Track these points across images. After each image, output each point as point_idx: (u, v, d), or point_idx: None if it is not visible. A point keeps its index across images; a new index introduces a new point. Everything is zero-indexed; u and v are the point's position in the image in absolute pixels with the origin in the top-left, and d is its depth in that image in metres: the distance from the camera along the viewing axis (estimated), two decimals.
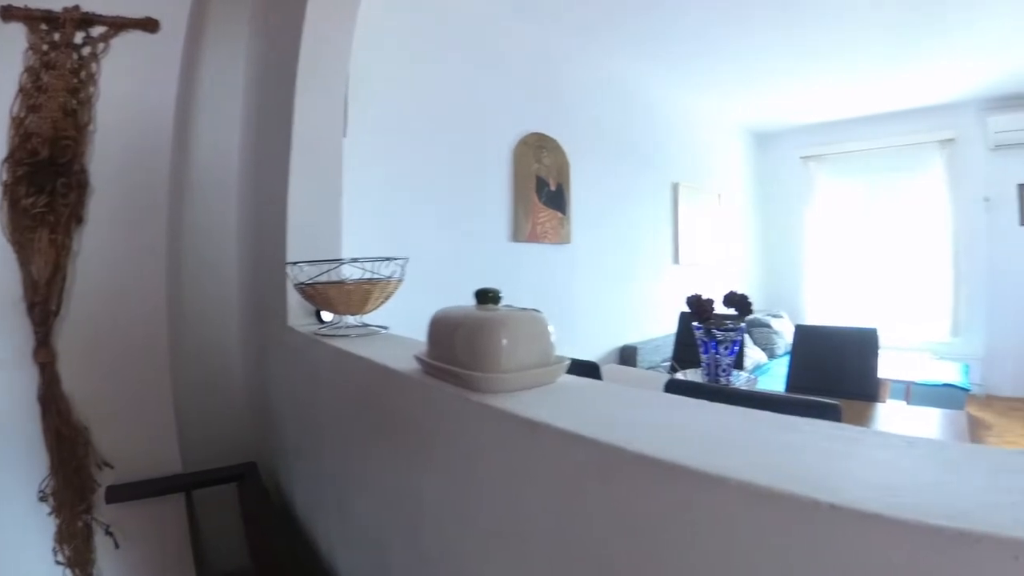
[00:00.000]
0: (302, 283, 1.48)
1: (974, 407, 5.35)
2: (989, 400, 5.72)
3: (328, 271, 1.48)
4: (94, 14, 2.19)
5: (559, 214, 4.00)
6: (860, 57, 4.68)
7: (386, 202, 2.92)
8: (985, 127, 5.77)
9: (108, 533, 2.16)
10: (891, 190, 6.58)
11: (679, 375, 2.22)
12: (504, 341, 0.83)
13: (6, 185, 2.07)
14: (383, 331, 1.53)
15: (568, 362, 0.89)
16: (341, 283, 1.46)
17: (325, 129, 1.87)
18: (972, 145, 5.95)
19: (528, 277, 3.76)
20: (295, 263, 1.51)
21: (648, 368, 4.41)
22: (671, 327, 4.84)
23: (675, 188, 5.48)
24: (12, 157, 2.08)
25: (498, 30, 3.63)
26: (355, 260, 1.45)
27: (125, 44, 2.24)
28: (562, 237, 4.02)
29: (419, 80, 3.14)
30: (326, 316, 1.74)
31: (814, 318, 6.78)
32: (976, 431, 4.70)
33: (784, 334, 6.04)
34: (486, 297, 0.94)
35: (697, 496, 0.51)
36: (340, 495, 1.42)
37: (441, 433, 0.91)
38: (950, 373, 4.97)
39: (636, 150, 4.96)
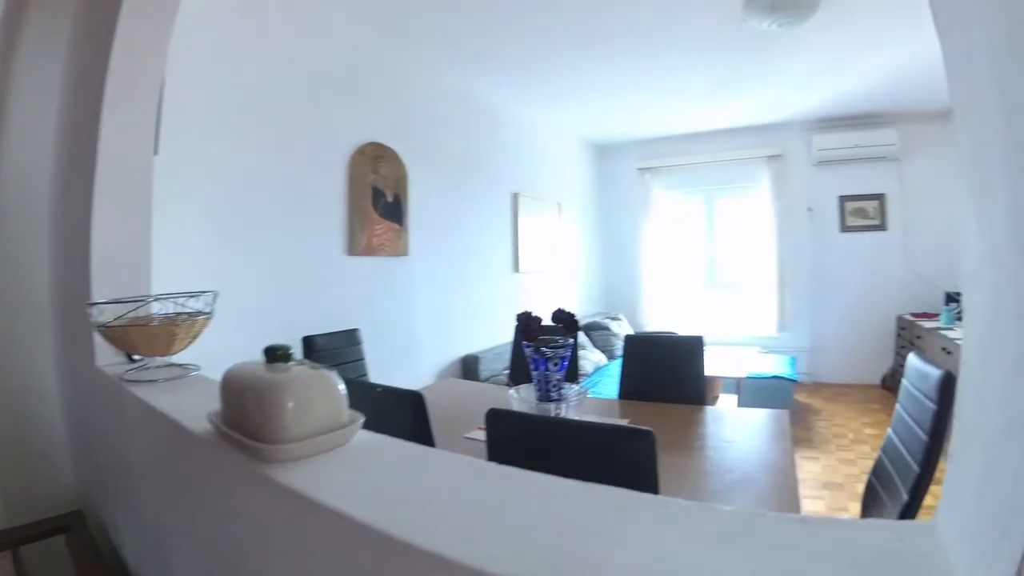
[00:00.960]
0: (103, 324, 1.36)
1: (804, 395, 5.87)
2: (816, 387, 6.32)
3: (137, 309, 1.37)
4: None
5: (396, 225, 3.89)
6: (695, 80, 4.97)
7: (209, 226, 2.72)
8: (809, 145, 6.38)
9: None
10: (723, 200, 7.10)
11: (512, 392, 2.24)
12: (290, 405, 0.81)
13: None
14: (193, 372, 1.44)
15: (362, 420, 0.88)
16: (142, 324, 1.35)
17: (134, 147, 1.74)
18: (797, 161, 6.54)
19: (365, 292, 3.65)
20: (94, 304, 1.39)
21: (490, 377, 4.43)
22: (511, 335, 4.94)
23: (515, 198, 5.50)
24: None
25: (331, 36, 3.49)
26: (160, 297, 1.36)
27: None
28: (399, 249, 3.91)
29: (245, 90, 2.94)
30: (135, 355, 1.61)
31: (652, 320, 7.16)
32: (807, 416, 5.15)
33: (623, 336, 6.36)
34: (275, 355, 0.89)
35: None
36: (162, 548, 1.34)
37: (233, 499, 0.87)
38: (779, 366, 5.39)
39: (476, 160, 4.94)
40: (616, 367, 5.52)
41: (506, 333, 4.89)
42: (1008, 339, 0.44)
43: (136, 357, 1.59)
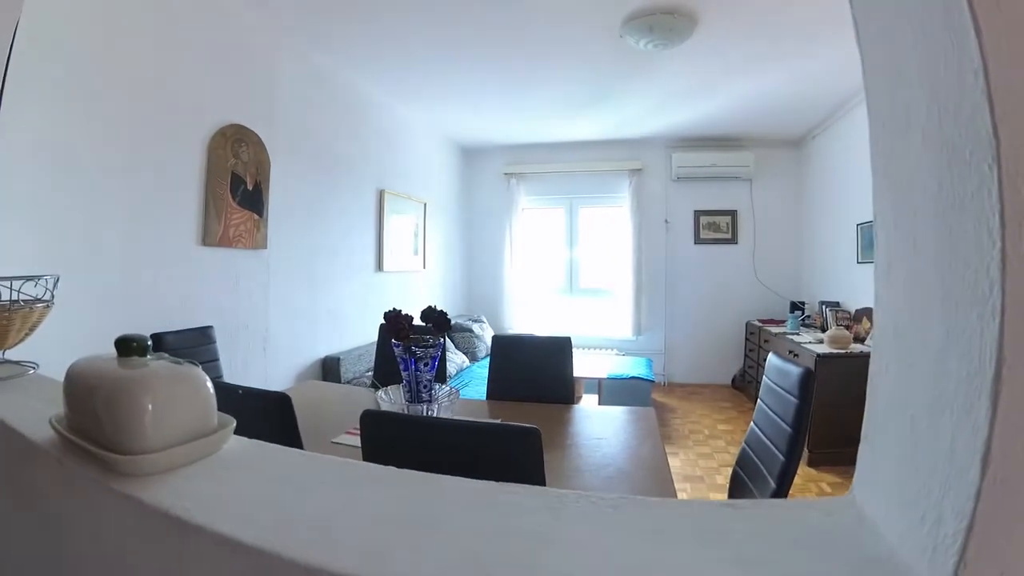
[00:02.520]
0: None
1: (660, 394, 6.18)
2: (671, 387, 6.69)
3: None
4: None
5: (255, 216, 3.64)
6: (564, 90, 5.08)
7: (40, 203, 2.41)
8: (670, 161, 6.74)
9: None
10: (586, 209, 7.35)
11: (380, 394, 2.17)
12: (150, 407, 0.69)
13: None
14: (31, 371, 1.26)
15: (233, 424, 0.78)
16: None
17: None
18: (657, 175, 6.89)
19: (219, 286, 3.39)
20: None
21: (352, 379, 4.30)
22: (373, 336, 4.75)
23: (380, 195, 5.39)
24: None
25: (200, 3, 3.21)
26: None
27: None
28: (258, 241, 3.66)
29: (97, 51, 2.64)
30: None
31: (514, 323, 7.25)
32: (664, 414, 5.43)
33: (485, 338, 6.41)
34: (130, 347, 0.77)
35: None
36: None
37: (82, 522, 0.75)
38: (636, 367, 5.62)
39: (342, 153, 4.77)
40: (479, 369, 5.59)
41: (369, 333, 4.80)
42: (933, 320, 0.46)
43: None
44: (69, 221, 2.51)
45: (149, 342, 0.79)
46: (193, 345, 2.96)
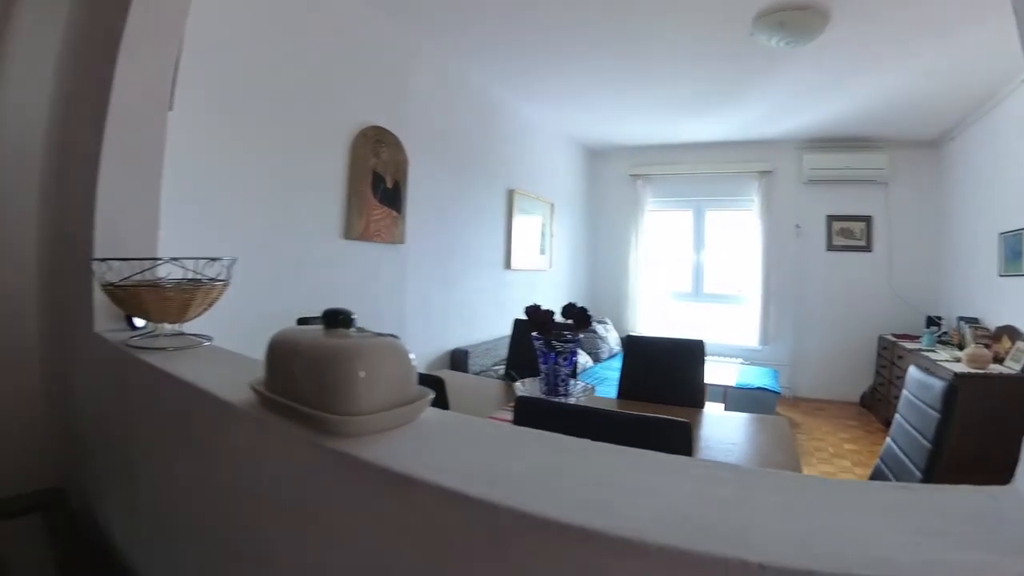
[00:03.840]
0: (111, 283, 1.23)
1: (783, 408, 5.84)
2: (796, 402, 6.34)
3: (143, 271, 1.24)
4: None
5: (394, 212, 3.80)
6: (692, 89, 4.96)
7: (207, 192, 2.59)
8: (800, 163, 6.41)
9: None
10: (713, 212, 7.10)
11: (518, 385, 2.18)
12: (361, 374, 0.71)
13: None
14: (206, 343, 1.34)
15: (431, 396, 0.79)
16: (157, 286, 1.24)
17: (149, 100, 1.62)
18: (788, 178, 6.56)
19: (359, 277, 3.55)
20: (103, 259, 1.26)
21: (479, 372, 4.35)
22: (501, 331, 4.90)
23: (510, 195, 5.45)
24: None
25: (340, 16, 3.39)
26: (175, 259, 1.24)
27: None
28: (395, 237, 3.82)
29: (254, 56, 2.83)
30: (139, 321, 1.49)
31: (637, 326, 7.11)
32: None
33: (609, 340, 6.35)
34: (336, 320, 0.80)
35: (610, 562, 0.46)
36: (166, 535, 1.23)
37: (285, 480, 0.77)
38: (762, 378, 5.39)
39: (475, 154, 4.87)
40: (602, 370, 5.56)
41: (497, 329, 4.94)
42: None
43: (139, 323, 1.47)
44: (225, 210, 2.69)
45: (354, 316, 0.81)
46: None
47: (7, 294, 2.16)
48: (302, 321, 2.81)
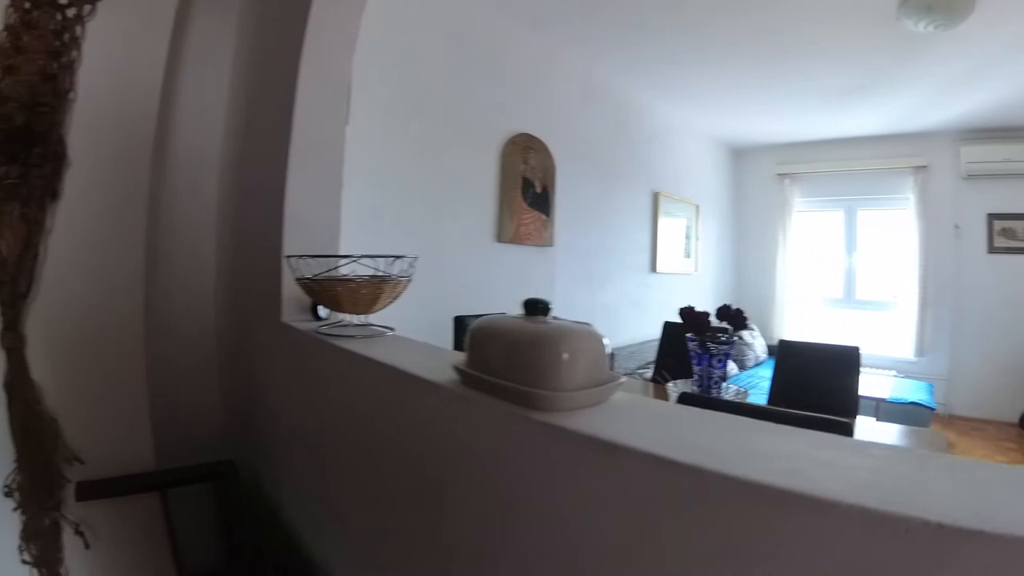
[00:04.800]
0: (307, 278, 1.38)
1: (937, 425, 5.41)
2: (951, 420, 5.84)
3: (333, 268, 1.38)
4: None
5: (543, 216, 3.95)
6: (838, 82, 4.76)
7: (371, 197, 2.81)
8: (958, 156, 5.87)
9: (78, 532, 2.02)
10: (865, 212, 6.70)
11: (670, 386, 2.19)
12: (565, 356, 0.78)
13: None
14: (388, 332, 1.45)
15: (622, 379, 0.84)
16: (350, 280, 1.37)
17: (328, 116, 1.77)
18: (944, 173, 6.05)
19: (509, 279, 3.70)
20: (300, 256, 1.40)
21: (624, 375, 4.35)
22: (645, 335, 4.91)
23: (655, 197, 5.45)
24: None
25: (492, 32, 3.59)
26: (367, 256, 1.36)
27: (113, 9, 2.09)
28: (544, 239, 3.96)
29: (409, 73, 3.06)
30: (323, 312, 1.65)
31: (784, 333, 6.73)
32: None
33: (755, 347, 6.10)
34: (536, 308, 0.88)
35: (804, 521, 0.50)
36: (338, 505, 1.35)
37: (486, 450, 0.85)
38: (916, 392, 5.04)
39: (619, 157, 4.93)
40: (747, 377, 5.37)
41: (641, 332, 4.98)
42: None
43: (323, 315, 1.63)
44: (388, 213, 2.92)
45: (551, 304, 0.89)
46: None
47: (190, 291, 2.47)
48: (458, 320, 2.99)
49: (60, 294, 2.01)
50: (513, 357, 0.81)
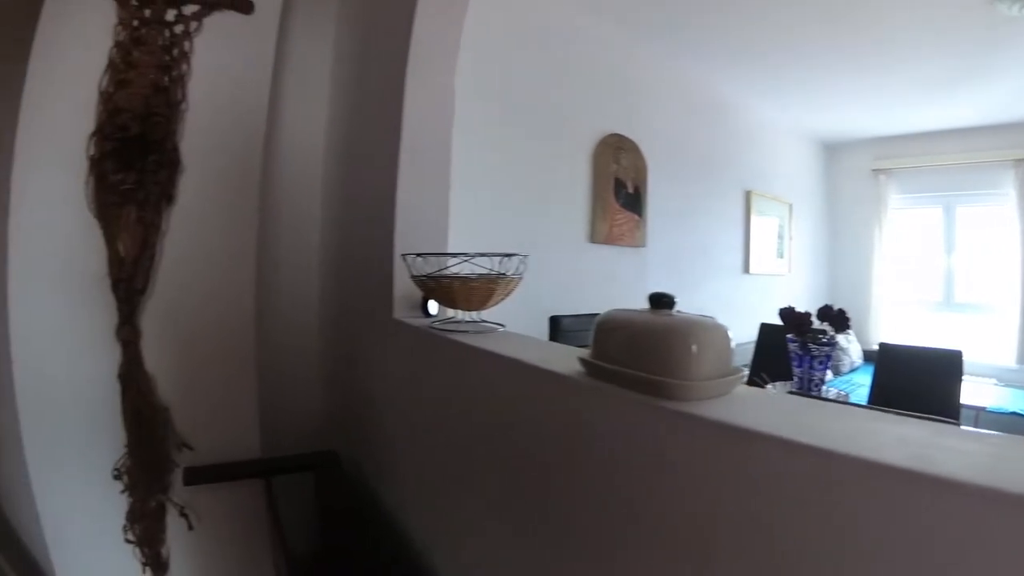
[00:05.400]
0: (424, 275, 1.43)
1: None
2: None
3: (452, 265, 1.42)
4: None
5: (636, 216, 3.94)
6: (934, 72, 4.58)
7: (466, 198, 2.84)
8: None
9: (183, 515, 2.14)
10: (963, 208, 6.35)
11: (768, 387, 2.15)
12: (694, 348, 0.80)
13: (92, 160, 2.05)
14: (500, 328, 1.48)
15: (744, 373, 0.85)
16: (467, 278, 1.41)
17: (435, 119, 1.82)
18: None
19: (603, 279, 3.70)
20: (418, 255, 1.46)
21: None
22: (739, 337, 4.74)
23: (747, 196, 5.36)
24: (100, 132, 2.06)
25: (576, 31, 3.59)
26: (481, 255, 1.40)
27: (218, 24, 2.21)
28: (636, 240, 3.95)
29: (500, 75, 3.11)
30: (432, 309, 1.69)
31: (879, 337, 6.40)
32: None
33: (850, 352, 5.87)
34: (661, 302, 0.91)
35: (932, 500, 0.52)
36: (448, 496, 1.38)
37: (610, 439, 0.86)
38: (1018, 401, 4.74)
39: (710, 155, 4.87)
40: (842, 384, 5.16)
41: (734, 335, 4.75)
42: None
43: (432, 311, 1.67)
44: (485, 212, 2.97)
45: (676, 299, 0.92)
46: (585, 329, 3.21)
47: (295, 289, 2.59)
48: (553, 320, 3.02)
49: (174, 292, 2.13)
50: (643, 348, 0.83)
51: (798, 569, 0.61)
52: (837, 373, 5.52)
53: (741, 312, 5.13)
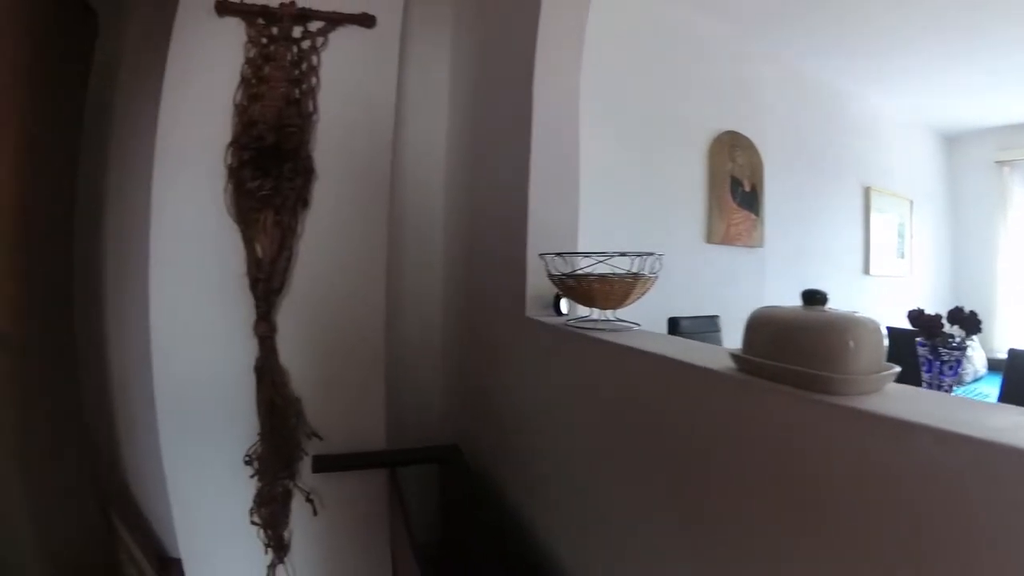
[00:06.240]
0: (563, 274, 1.47)
1: None
2: None
3: (588, 265, 1.46)
4: (311, 9, 2.31)
5: (753, 216, 3.88)
6: None
7: (585, 198, 2.87)
8: None
9: (308, 500, 2.28)
10: None
11: None
12: (852, 343, 0.81)
13: (231, 168, 2.21)
14: (635, 327, 1.51)
15: (896, 370, 0.85)
16: (605, 277, 1.44)
17: (563, 120, 1.85)
18: None
19: (720, 281, 3.67)
20: (558, 254, 1.50)
21: None
22: None
23: (866, 192, 5.16)
24: (237, 142, 2.22)
25: (686, 28, 3.58)
26: (621, 254, 1.43)
27: (344, 38, 2.35)
28: (755, 240, 3.89)
29: (615, 74, 3.13)
30: (564, 307, 1.74)
31: (1007, 344, 5.89)
32: None
33: (974, 360, 5.52)
34: (815, 298, 0.92)
35: None
36: (579, 493, 1.41)
37: (765, 434, 0.87)
38: None
39: (826, 151, 4.73)
40: (968, 395, 4.86)
41: None
42: None
43: (564, 310, 1.73)
44: (601, 222, 2.99)
45: (827, 295, 0.93)
46: (703, 331, 3.22)
47: (420, 290, 2.72)
48: (672, 321, 3.03)
49: (309, 290, 2.28)
50: (799, 343, 0.85)
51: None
52: (960, 383, 5.21)
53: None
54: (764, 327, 0.94)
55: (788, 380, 0.84)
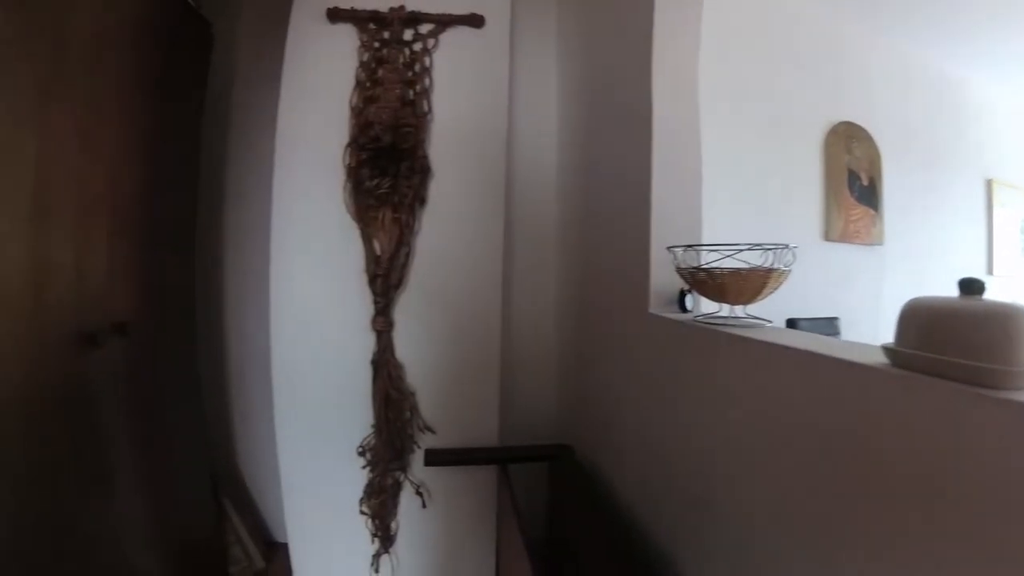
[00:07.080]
0: (694, 268, 1.43)
1: None
2: None
3: (718, 259, 1.42)
4: (420, 12, 2.35)
5: (871, 211, 3.71)
6: None
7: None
8: None
9: (418, 493, 2.33)
10: None
11: None
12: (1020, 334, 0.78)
13: (349, 168, 2.28)
14: (767, 324, 1.45)
15: None
16: (737, 271, 1.39)
17: (682, 111, 1.80)
18: None
19: (838, 280, 3.53)
20: (688, 247, 1.46)
21: None
22: None
23: (988, 185, 4.78)
24: (355, 143, 2.29)
25: (798, 17, 3.47)
26: (754, 247, 1.39)
27: (454, 39, 2.38)
28: (874, 237, 3.71)
29: (727, 63, 3.07)
30: (688, 303, 1.70)
31: None
32: None
33: None
34: (972, 287, 0.88)
35: None
36: (702, 495, 1.39)
37: (925, 432, 0.82)
38: None
39: (945, 141, 4.46)
40: None
41: None
42: None
43: (689, 305, 1.69)
44: (711, 216, 2.94)
45: (985, 283, 0.88)
46: (823, 333, 3.09)
47: (534, 287, 2.74)
48: (790, 323, 2.93)
49: (426, 286, 2.33)
50: (960, 335, 0.82)
51: None
52: None
53: None
54: (922, 318, 0.90)
55: (949, 374, 0.80)
